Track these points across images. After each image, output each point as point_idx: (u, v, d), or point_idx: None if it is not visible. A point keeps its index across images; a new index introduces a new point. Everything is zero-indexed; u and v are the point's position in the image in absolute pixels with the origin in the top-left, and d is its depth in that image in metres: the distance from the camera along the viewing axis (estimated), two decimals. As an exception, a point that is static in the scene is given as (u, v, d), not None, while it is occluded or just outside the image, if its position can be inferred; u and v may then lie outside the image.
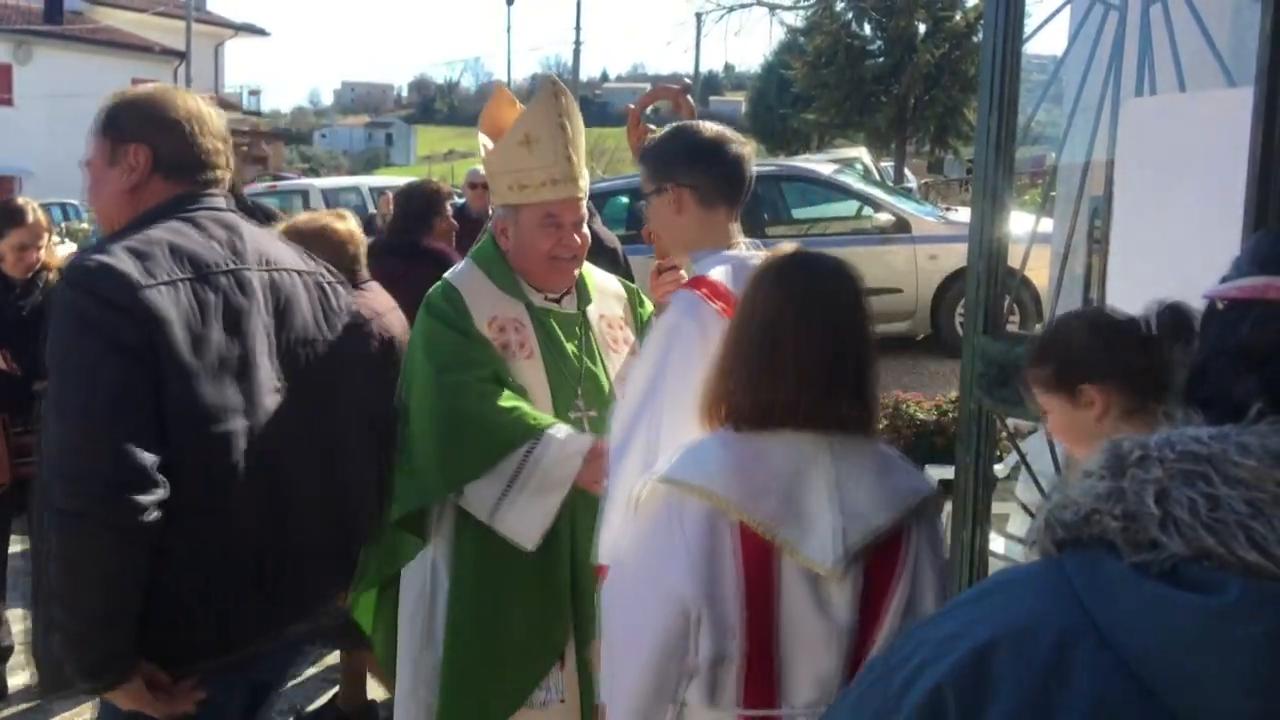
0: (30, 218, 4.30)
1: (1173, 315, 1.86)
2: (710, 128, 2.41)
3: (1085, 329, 2.02)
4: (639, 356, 2.30)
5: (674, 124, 2.49)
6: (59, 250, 4.37)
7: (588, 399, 2.70)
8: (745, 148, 2.43)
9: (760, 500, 1.72)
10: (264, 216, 4.69)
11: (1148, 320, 1.91)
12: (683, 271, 2.80)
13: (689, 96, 2.86)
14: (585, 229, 2.78)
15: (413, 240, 4.83)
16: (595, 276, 2.96)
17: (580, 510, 2.57)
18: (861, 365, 1.84)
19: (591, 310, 2.86)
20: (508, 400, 2.58)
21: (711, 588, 1.70)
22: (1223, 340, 0.88)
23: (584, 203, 2.78)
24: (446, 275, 2.82)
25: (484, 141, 2.81)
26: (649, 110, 3.00)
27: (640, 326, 2.92)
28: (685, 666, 1.74)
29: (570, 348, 2.75)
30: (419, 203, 4.97)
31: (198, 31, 35.00)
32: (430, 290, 2.78)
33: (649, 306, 2.93)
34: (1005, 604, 0.82)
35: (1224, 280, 0.91)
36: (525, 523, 2.55)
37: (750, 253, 2.37)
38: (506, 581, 2.64)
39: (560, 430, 2.57)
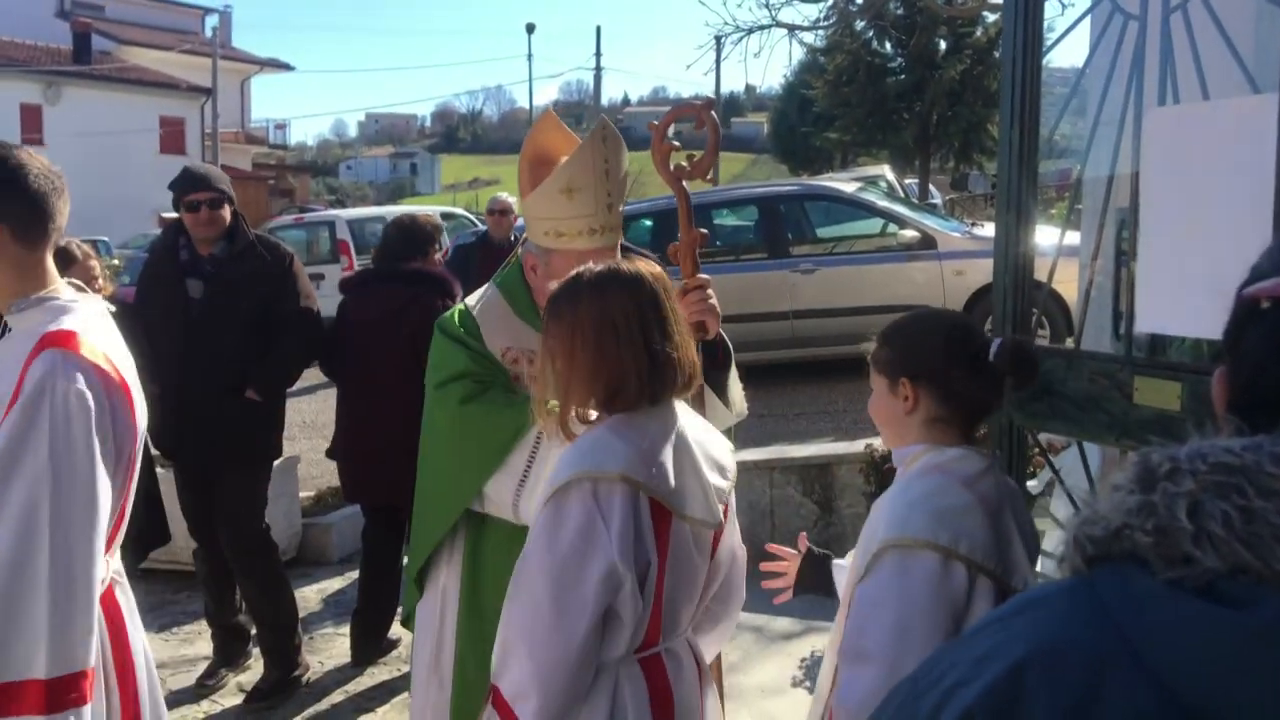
0: (79, 254, 4.40)
1: (1014, 351, 2.01)
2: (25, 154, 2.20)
3: (931, 332, 2.11)
4: (17, 420, 2.05)
5: None
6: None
7: None
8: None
9: (660, 478, 2.03)
10: (274, 255, 4.71)
11: (1003, 349, 2.01)
12: (711, 291, 2.78)
13: (713, 113, 2.84)
14: None
15: (414, 268, 4.95)
16: None
17: None
18: (680, 340, 2.15)
19: None
20: (509, 393, 2.57)
21: (637, 556, 2.00)
22: (1276, 340, 0.84)
23: (618, 251, 2.75)
24: (467, 300, 2.80)
25: (523, 177, 2.75)
26: (672, 130, 2.99)
27: None
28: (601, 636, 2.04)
29: None
30: (418, 234, 5.12)
31: (224, 68, 35.46)
32: (445, 314, 2.77)
33: None
34: (1036, 623, 0.80)
35: (1250, 282, 0.88)
36: None
37: (74, 296, 2.27)
38: None
39: None
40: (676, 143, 2.86)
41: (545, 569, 2.00)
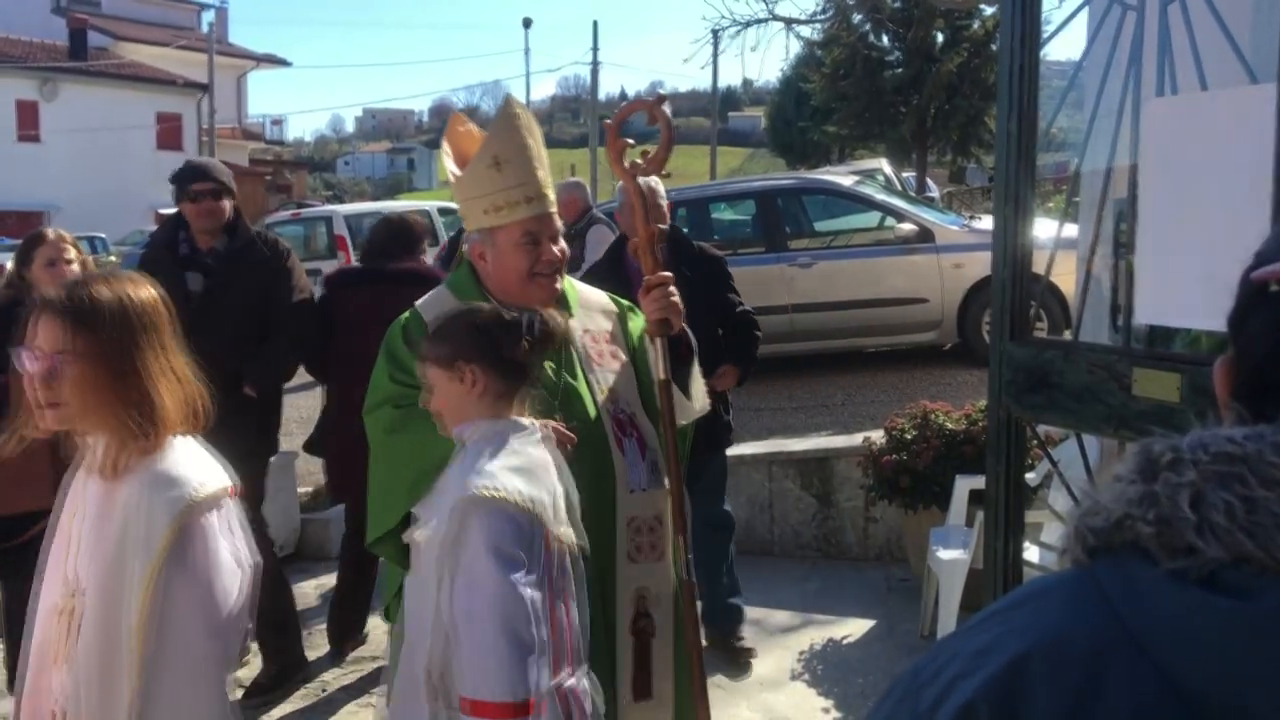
0: (51, 235, 4.39)
1: (541, 321, 2.35)
2: None
3: (477, 320, 2.35)
4: None
5: None
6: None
7: (567, 414, 2.67)
8: None
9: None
10: (273, 250, 4.71)
11: (531, 322, 2.34)
12: (673, 289, 2.79)
13: (664, 108, 2.84)
14: (562, 242, 2.78)
15: (405, 267, 4.97)
16: (580, 291, 2.93)
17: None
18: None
19: (574, 325, 2.80)
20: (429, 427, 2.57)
21: None
22: None
23: (556, 216, 2.78)
24: (417, 303, 2.82)
25: (450, 169, 2.81)
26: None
27: (631, 341, 2.91)
28: None
29: (548, 364, 2.71)
30: (407, 232, 5.16)
31: (220, 64, 35.40)
32: (394, 322, 2.79)
33: (640, 320, 2.90)
34: (1037, 615, 0.80)
35: (1256, 266, 0.86)
36: None
37: None
38: None
39: None
40: (630, 140, 2.86)
41: (195, 603, 2.00)
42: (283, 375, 4.84)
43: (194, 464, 2.08)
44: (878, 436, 5.87)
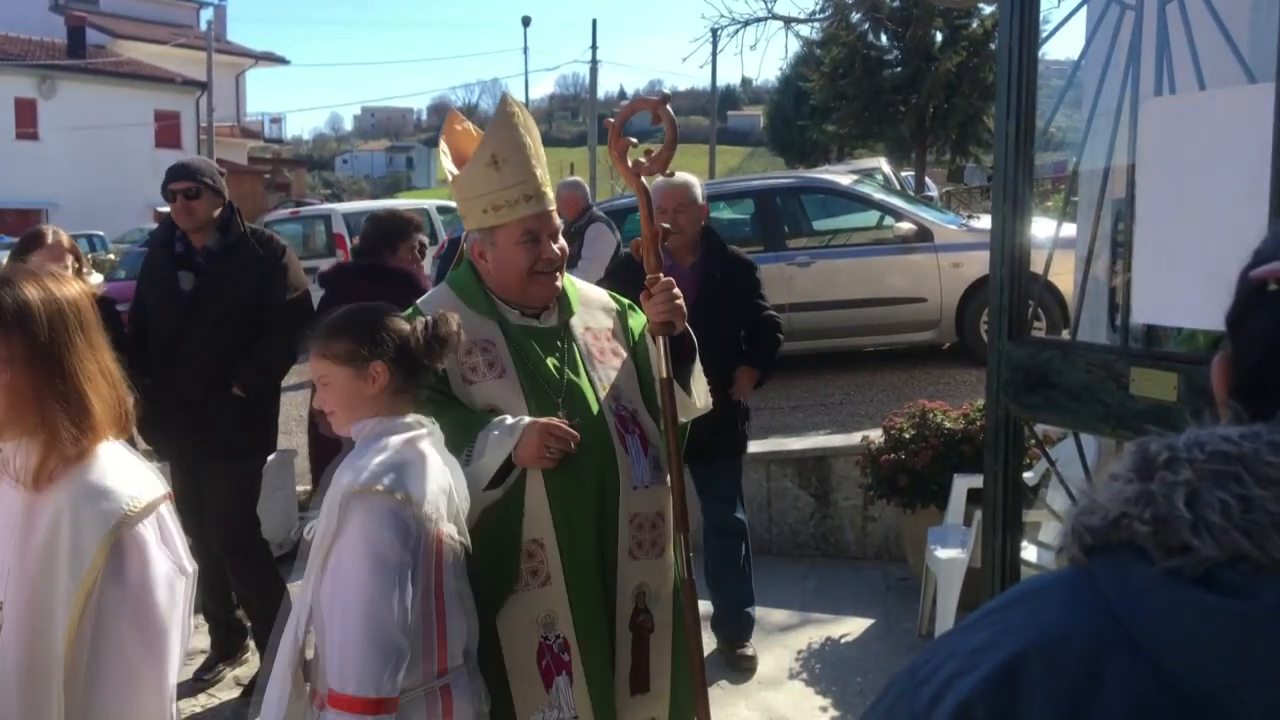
0: (50, 239, 4.32)
1: (436, 326, 2.40)
2: None
3: (385, 319, 2.40)
4: None
5: None
6: (89, 280, 4.43)
7: (570, 410, 2.69)
8: None
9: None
10: (266, 247, 4.66)
11: (425, 324, 2.40)
12: (676, 290, 2.79)
13: (668, 106, 2.84)
14: (561, 239, 2.78)
15: (380, 263, 4.95)
16: (580, 289, 2.95)
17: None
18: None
19: (575, 323, 2.84)
20: (440, 412, 2.57)
21: None
22: None
23: (556, 214, 2.79)
24: (418, 301, 2.82)
25: (448, 168, 2.81)
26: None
27: (632, 339, 2.92)
28: None
29: (551, 362, 2.74)
30: (390, 228, 5.12)
31: (218, 62, 35.36)
32: None
33: (641, 318, 2.90)
34: (1034, 614, 0.80)
35: (1255, 265, 0.87)
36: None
37: None
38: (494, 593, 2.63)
39: (497, 424, 2.57)
40: (634, 139, 2.86)
41: (131, 618, 1.86)
42: (276, 374, 4.77)
43: (125, 473, 1.90)
44: (876, 435, 5.87)
